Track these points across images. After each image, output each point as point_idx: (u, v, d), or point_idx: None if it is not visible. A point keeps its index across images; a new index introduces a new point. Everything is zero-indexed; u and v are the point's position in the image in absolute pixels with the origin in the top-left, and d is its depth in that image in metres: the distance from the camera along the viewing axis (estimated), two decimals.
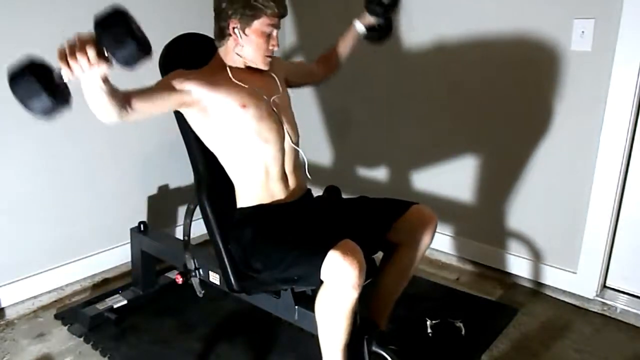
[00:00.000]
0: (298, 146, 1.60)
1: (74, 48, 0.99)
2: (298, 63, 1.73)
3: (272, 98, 1.55)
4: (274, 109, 1.54)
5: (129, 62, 1.02)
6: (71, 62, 0.99)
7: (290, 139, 1.56)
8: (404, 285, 1.63)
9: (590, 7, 1.86)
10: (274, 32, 1.48)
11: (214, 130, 1.50)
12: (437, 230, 1.61)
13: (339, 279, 1.28)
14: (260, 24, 1.45)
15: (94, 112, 1.17)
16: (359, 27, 1.78)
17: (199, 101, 1.44)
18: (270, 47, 1.49)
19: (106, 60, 1.01)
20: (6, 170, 2.03)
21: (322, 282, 1.33)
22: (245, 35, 1.46)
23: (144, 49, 1.02)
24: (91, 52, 0.99)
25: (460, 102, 2.31)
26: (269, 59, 1.52)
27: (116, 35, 0.99)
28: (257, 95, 1.51)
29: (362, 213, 1.62)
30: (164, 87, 1.39)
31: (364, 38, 1.82)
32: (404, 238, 1.57)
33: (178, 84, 1.40)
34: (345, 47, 1.83)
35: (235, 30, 1.46)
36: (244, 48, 1.48)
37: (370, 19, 1.77)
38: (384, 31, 1.82)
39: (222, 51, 1.53)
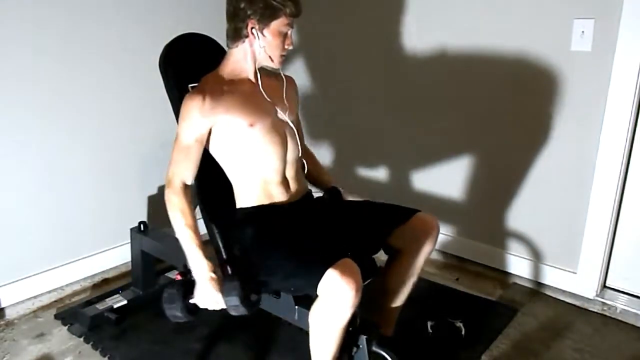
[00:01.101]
0: (300, 155, 1.60)
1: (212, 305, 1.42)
2: (299, 118, 1.73)
3: (281, 110, 1.55)
4: (281, 120, 1.55)
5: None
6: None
7: (294, 149, 1.56)
8: (407, 291, 1.63)
9: (590, 7, 1.86)
10: (290, 32, 1.49)
11: (217, 141, 1.50)
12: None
13: (335, 298, 1.27)
14: (278, 24, 1.45)
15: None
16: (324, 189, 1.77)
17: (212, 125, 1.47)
18: (286, 47, 1.50)
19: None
20: (6, 171, 2.03)
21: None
22: (263, 35, 1.46)
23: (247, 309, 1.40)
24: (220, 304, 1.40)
25: (459, 103, 2.31)
26: (284, 58, 1.53)
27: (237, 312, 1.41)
28: (264, 108, 1.51)
29: (364, 217, 1.61)
30: (197, 146, 1.46)
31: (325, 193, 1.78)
32: (406, 245, 1.56)
33: (202, 129, 1.44)
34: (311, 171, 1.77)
35: (254, 30, 1.46)
36: (261, 48, 1.48)
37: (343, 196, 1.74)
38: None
39: (235, 53, 1.51)
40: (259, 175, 1.51)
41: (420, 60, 2.38)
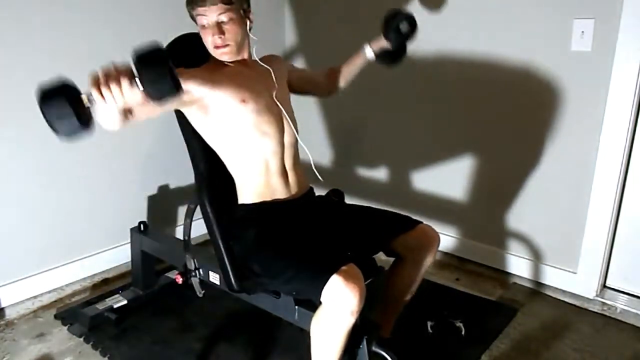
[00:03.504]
0: (297, 141, 1.59)
1: (110, 78, 1.01)
2: (302, 68, 1.71)
3: (273, 92, 1.55)
4: (275, 102, 1.54)
5: (160, 99, 1.06)
6: (104, 90, 1.01)
7: (290, 132, 1.56)
8: (408, 296, 1.64)
9: (590, 7, 1.87)
10: (209, 22, 1.44)
11: (214, 127, 1.49)
12: (436, 230, 1.61)
13: (339, 305, 1.26)
14: (196, 17, 1.47)
15: (99, 121, 1.15)
16: (369, 54, 1.79)
17: (199, 99, 1.43)
18: (212, 38, 1.45)
19: (137, 92, 1.04)
20: (6, 171, 2.03)
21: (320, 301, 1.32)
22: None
23: (177, 89, 1.06)
24: (125, 84, 1.01)
25: (460, 103, 2.31)
26: (222, 50, 1.47)
27: (155, 74, 1.03)
28: (256, 89, 1.50)
29: (366, 220, 1.61)
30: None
31: (376, 61, 1.82)
32: (407, 254, 1.56)
33: (191, 84, 1.38)
34: (351, 71, 1.83)
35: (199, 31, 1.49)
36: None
37: (385, 44, 1.78)
38: (397, 55, 1.84)
39: None
40: (258, 161, 1.50)
41: (421, 60, 2.38)
